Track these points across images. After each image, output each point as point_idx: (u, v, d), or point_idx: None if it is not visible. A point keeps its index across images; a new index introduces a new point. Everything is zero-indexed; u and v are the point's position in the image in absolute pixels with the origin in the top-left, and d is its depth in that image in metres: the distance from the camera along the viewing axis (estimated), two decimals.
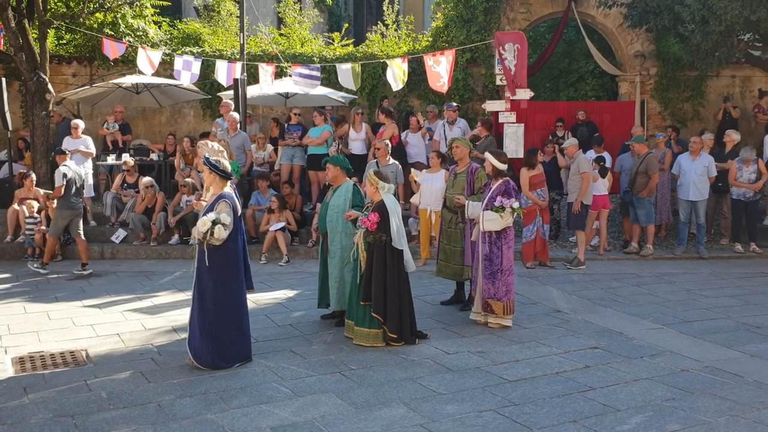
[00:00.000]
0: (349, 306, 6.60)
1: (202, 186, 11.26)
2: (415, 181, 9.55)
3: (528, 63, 12.04)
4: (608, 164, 10.93)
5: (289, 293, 8.58)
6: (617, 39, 15.32)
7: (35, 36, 12.69)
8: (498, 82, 12.18)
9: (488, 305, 7.02)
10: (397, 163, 10.34)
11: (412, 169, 10.02)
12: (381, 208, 6.34)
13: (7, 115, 12.05)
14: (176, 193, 11.61)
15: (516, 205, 6.86)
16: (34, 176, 11.39)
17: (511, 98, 11.60)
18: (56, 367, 5.87)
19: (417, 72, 14.13)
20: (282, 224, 10.50)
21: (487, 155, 7.17)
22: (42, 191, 10.77)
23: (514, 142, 11.26)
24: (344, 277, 6.91)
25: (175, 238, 11.09)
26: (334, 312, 7.20)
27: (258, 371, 5.73)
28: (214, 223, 5.68)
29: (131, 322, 7.24)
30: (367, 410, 4.91)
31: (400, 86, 11.96)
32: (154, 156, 13.10)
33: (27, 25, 12.47)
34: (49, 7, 13.32)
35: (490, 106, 12.11)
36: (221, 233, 5.69)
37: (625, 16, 13.86)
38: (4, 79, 12.18)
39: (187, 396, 5.16)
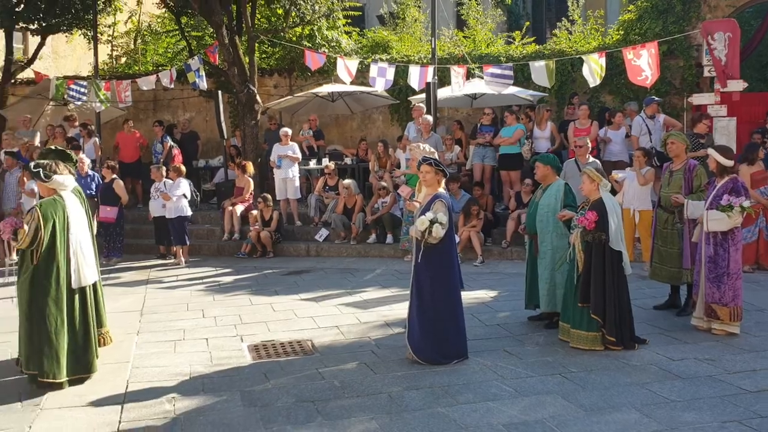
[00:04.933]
0: (564, 308, 6.49)
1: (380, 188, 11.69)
2: (617, 181, 9.20)
3: None
4: None
5: (490, 293, 8.61)
6: None
7: (244, 51, 13.79)
8: (706, 74, 11.40)
9: (712, 310, 6.59)
10: (597, 161, 10.01)
11: (613, 170, 9.68)
12: (599, 207, 6.17)
13: (223, 125, 13.17)
14: (372, 195, 12.10)
15: (746, 203, 6.38)
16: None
17: (721, 90, 10.82)
18: (287, 355, 6.33)
19: (608, 67, 13.58)
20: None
21: (711, 151, 6.74)
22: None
23: (725, 137, 10.47)
24: (555, 279, 6.82)
25: (373, 237, 11.54)
26: (542, 314, 7.13)
27: (477, 369, 5.80)
28: (432, 222, 5.84)
29: (346, 315, 7.63)
30: (598, 413, 4.81)
31: (598, 82, 11.58)
32: (347, 160, 13.74)
33: (237, 41, 13.60)
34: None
35: (698, 99, 11.38)
36: (439, 232, 5.84)
37: None
38: (220, 92, 13.32)
39: (413, 389, 5.35)
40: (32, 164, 5.75)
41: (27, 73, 15.89)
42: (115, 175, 11.51)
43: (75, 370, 5.55)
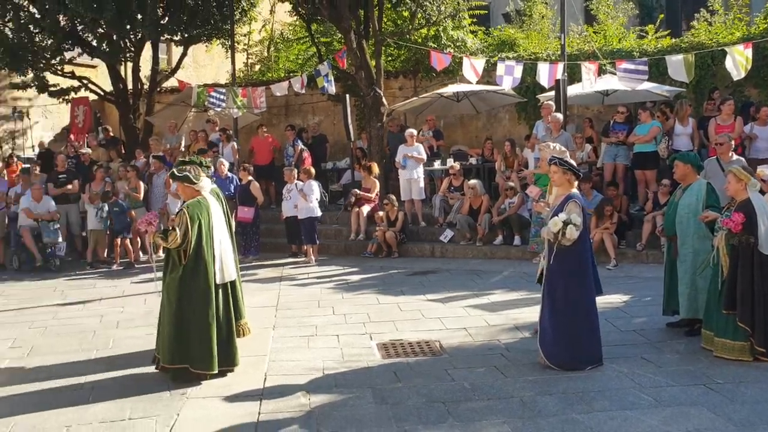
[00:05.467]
0: (707, 315, 6.12)
1: (511, 188, 11.49)
2: (763, 180, 8.54)
3: None
4: None
5: (624, 298, 8.26)
6: None
7: (370, 54, 14.04)
8: None
9: None
10: (741, 159, 9.35)
11: (759, 167, 9.01)
12: (747, 207, 5.77)
13: (351, 127, 13.48)
14: (498, 195, 11.95)
15: None
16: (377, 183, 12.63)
17: None
18: (416, 355, 6.37)
19: (754, 59, 12.65)
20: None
21: None
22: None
23: None
24: (696, 284, 6.45)
25: (499, 238, 11.40)
26: (682, 320, 6.75)
27: (612, 376, 5.59)
28: (566, 223, 5.68)
29: (474, 317, 7.58)
30: (750, 429, 4.49)
31: (742, 75, 10.83)
32: (472, 160, 13.65)
33: (365, 45, 13.86)
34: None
35: None
36: (572, 234, 5.67)
37: None
38: (348, 96, 13.63)
39: (546, 394, 5.23)
40: (176, 170, 6.08)
41: (171, 82, 16.99)
42: (251, 177, 12.08)
43: (221, 362, 5.81)
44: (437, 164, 13.42)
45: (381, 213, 12.04)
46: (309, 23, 16.25)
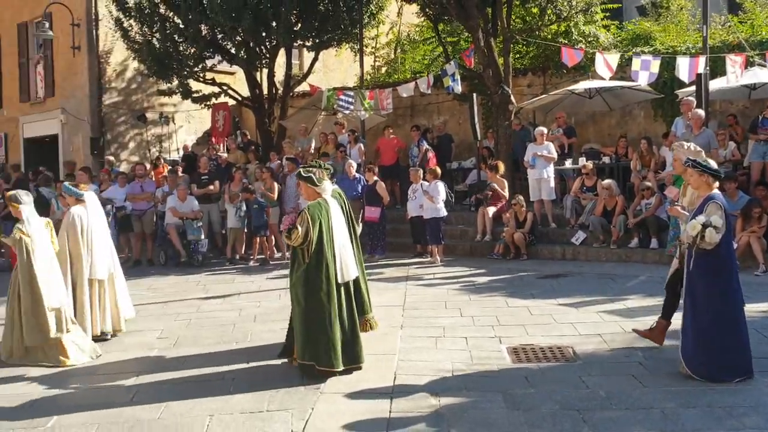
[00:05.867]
0: None
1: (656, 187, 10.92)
2: None
3: None
4: None
5: None
6: None
7: (498, 52, 13.85)
8: None
9: None
10: None
11: None
12: None
13: (477, 126, 13.37)
14: (633, 196, 11.43)
15: None
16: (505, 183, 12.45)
17: None
18: (547, 360, 6.21)
19: None
20: None
21: None
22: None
23: None
24: None
25: (635, 241, 10.89)
26: None
27: (765, 390, 5.18)
28: (705, 226, 5.35)
29: (609, 323, 7.28)
30: None
31: None
32: (606, 159, 13.13)
33: (492, 42, 13.70)
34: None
35: None
36: (713, 237, 5.34)
37: None
38: (475, 95, 13.53)
39: (690, 406, 4.93)
40: (302, 170, 6.32)
41: (303, 86, 17.57)
42: (376, 177, 12.27)
43: (346, 361, 5.93)
44: (568, 163, 13.03)
45: (508, 213, 11.86)
46: (436, 23, 16.27)
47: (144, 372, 6.27)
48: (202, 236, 12.56)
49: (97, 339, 7.22)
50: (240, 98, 16.98)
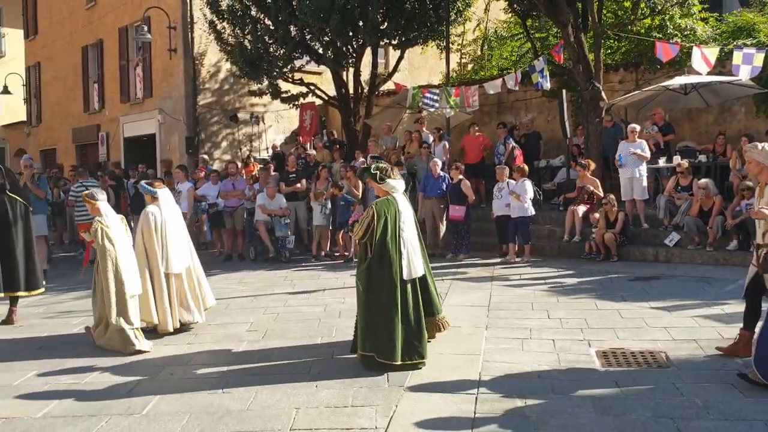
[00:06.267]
0: None
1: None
2: None
3: None
4: None
5: None
6: None
7: (589, 47, 13.47)
8: None
9: None
10: None
11: None
12: None
13: (567, 124, 13.05)
14: (731, 196, 10.88)
15: None
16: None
17: None
18: (639, 365, 5.98)
19: None
20: None
21: None
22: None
23: None
24: None
25: (734, 243, 10.37)
26: None
27: None
28: None
29: (705, 329, 6.96)
30: None
31: None
32: (702, 157, 12.56)
33: (583, 38, 13.34)
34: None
35: None
36: None
37: None
38: (564, 91, 13.22)
39: None
40: (372, 167, 6.44)
41: (388, 85, 17.68)
42: (461, 176, 12.17)
43: (409, 355, 6.01)
44: (662, 161, 12.53)
45: (596, 214, 11.52)
46: (524, 19, 16.01)
47: (234, 363, 6.46)
48: (290, 233, 12.84)
49: (178, 330, 7.56)
50: (326, 97, 17.23)
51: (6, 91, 26.68)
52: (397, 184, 6.37)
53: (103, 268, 6.98)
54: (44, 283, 9.12)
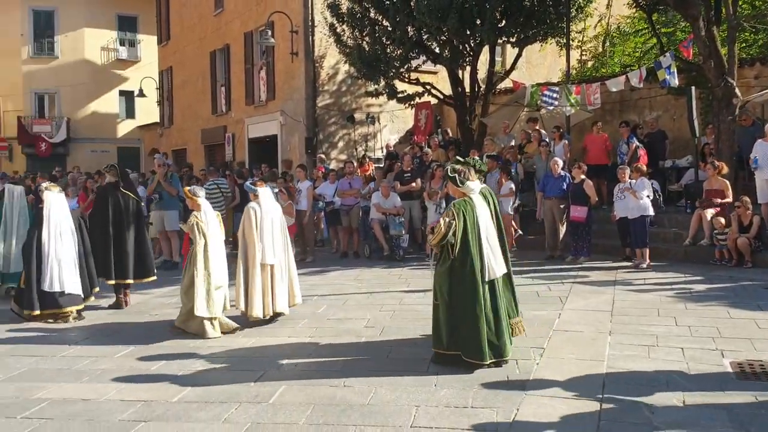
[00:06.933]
0: None
1: None
2: None
3: None
4: None
5: None
6: None
7: (721, 41, 12.71)
8: None
9: None
10: None
11: None
12: None
13: (696, 122, 12.39)
14: None
15: None
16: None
17: None
18: None
19: None
20: None
21: None
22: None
23: None
24: None
25: None
26: None
27: None
28: None
29: None
30: None
31: None
32: None
33: (715, 31, 12.61)
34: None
35: None
36: None
37: None
38: (693, 88, 12.56)
39: None
40: (449, 169, 6.48)
41: (504, 83, 17.44)
42: (583, 176, 11.82)
43: (492, 354, 6.05)
44: None
45: (722, 219, 10.83)
46: (650, 13, 15.32)
47: (353, 357, 6.60)
48: (404, 232, 12.94)
49: (269, 319, 8.08)
50: (442, 96, 17.23)
51: (141, 94, 28.69)
52: (474, 185, 6.39)
53: (194, 259, 7.66)
54: (155, 272, 9.96)
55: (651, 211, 11.12)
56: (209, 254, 7.67)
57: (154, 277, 9.84)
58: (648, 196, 11.10)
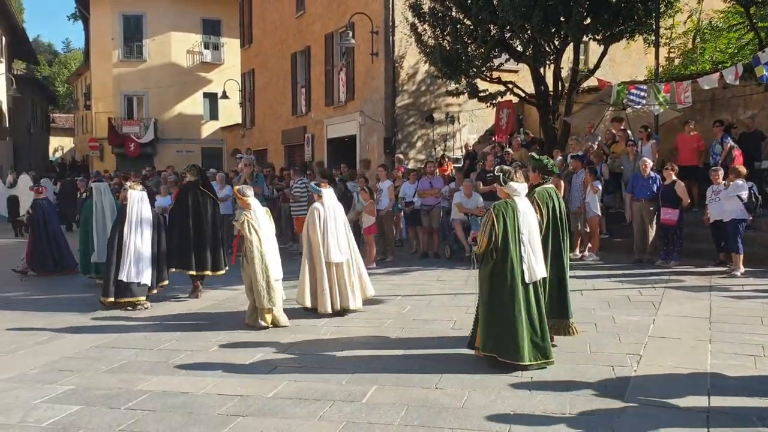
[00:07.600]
0: None
1: None
2: None
3: None
4: None
5: None
6: None
7: None
8: None
9: None
10: None
11: None
12: None
13: None
14: None
15: None
16: None
17: None
18: None
19: None
20: None
21: None
22: None
23: None
24: None
25: None
26: None
27: None
28: None
29: None
30: None
31: None
32: None
33: None
34: None
35: None
36: None
37: None
38: None
39: None
40: (496, 169, 6.48)
41: (588, 82, 17.01)
42: (675, 177, 11.40)
43: (535, 356, 6.08)
44: None
45: None
46: (747, 7, 14.63)
47: (443, 360, 6.54)
48: None
49: (337, 314, 8.41)
50: (524, 95, 16.96)
51: (225, 95, 29.48)
52: (519, 186, 6.31)
53: (249, 256, 7.93)
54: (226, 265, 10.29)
55: (746, 215, 10.61)
56: (263, 249, 7.96)
57: (224, 270, 10.28)
58: (740, 198, 10.59)
